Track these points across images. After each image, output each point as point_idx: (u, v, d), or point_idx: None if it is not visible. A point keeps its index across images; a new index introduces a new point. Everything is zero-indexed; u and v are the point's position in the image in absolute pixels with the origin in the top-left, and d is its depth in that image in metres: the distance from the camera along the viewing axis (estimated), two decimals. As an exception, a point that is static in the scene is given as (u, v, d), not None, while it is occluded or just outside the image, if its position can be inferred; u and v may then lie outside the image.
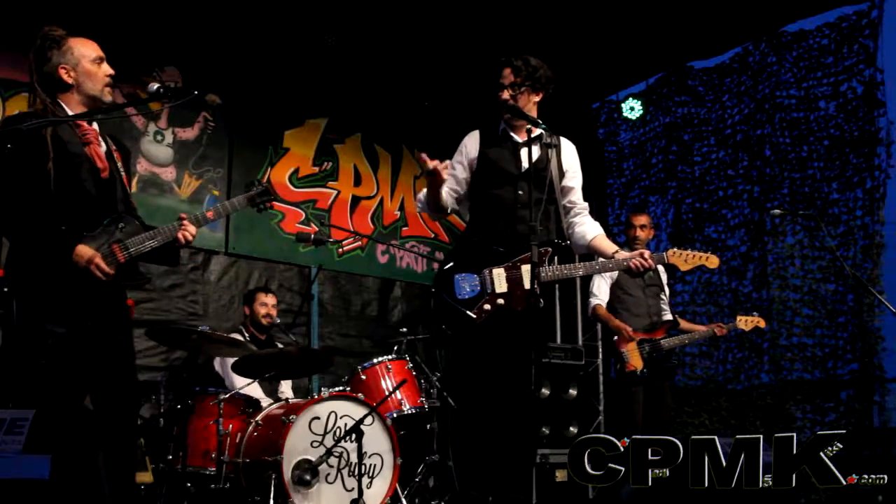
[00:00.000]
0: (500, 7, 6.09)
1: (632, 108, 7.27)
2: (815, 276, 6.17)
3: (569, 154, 3.53)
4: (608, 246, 3.43)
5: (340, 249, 6.70)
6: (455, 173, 3.46)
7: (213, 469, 4.27)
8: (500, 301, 3.22)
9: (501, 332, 3.26)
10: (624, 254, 3.39)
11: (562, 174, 3.44)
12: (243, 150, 6.24)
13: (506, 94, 3.40)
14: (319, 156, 6.70)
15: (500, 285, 3.23)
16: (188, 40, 5.91)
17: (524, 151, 3.39)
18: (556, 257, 3.35)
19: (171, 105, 2.93)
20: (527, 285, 3.22)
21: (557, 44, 6.58)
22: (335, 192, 6.74)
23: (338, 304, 6.64)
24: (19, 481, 2.24)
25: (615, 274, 5.22)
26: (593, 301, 5.34)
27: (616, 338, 5.17)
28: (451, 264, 3.33)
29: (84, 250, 2.82)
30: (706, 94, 7.04)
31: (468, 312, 3.20)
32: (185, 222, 3.10)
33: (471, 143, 3.49)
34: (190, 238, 3.11)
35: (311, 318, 6.40)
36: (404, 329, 5.31)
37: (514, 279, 3.24)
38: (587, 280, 7.61)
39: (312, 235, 5.21)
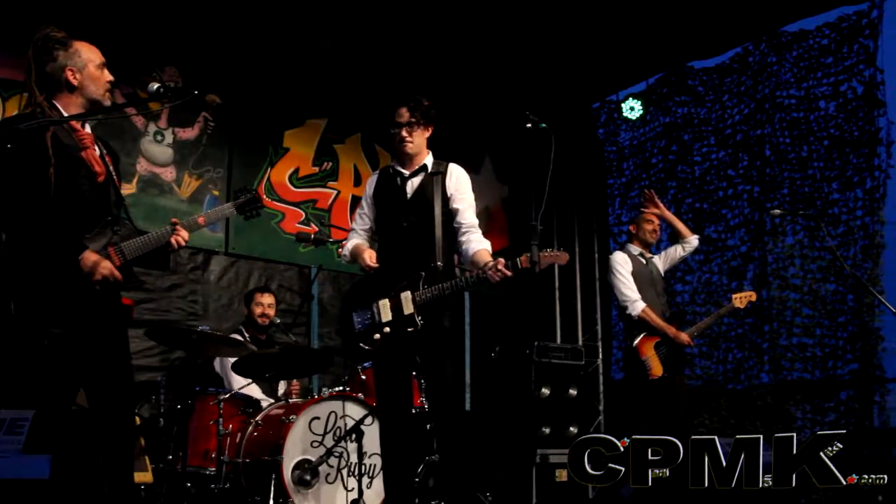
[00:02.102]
0: (501, 7, 6.09)
1: (632, 108, 7.25)
2: (815, 276, 6.16)
3: (454, 178, 3.72)
4: (483, 258, 3.61)
5: (340, 249, 6.69)
6: (366, 213, 3.83)
7: (213, 469, 4.28)
8: (387, 329, 3.56)
9: (393, 353, 3.59)
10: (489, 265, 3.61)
11: (446, 199, 3.68)
12: (243, 149, 6.24)
13: (404, 133, 3.66)
14: (319, 156, 6.70)
15: (386, 315, 3.56)
16: (188, 40, 5.91)
17: (410, 183, 3.70)
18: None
19: (171, 105, 2.94)
20: (406, 311, 3.52)
21: (557, 44, 6.59)
22: (335, 192, 6.74)
23: (338, 304, 6.62)
24: (19, 481, 2.24)
25: (629, 271, 5.19)
26: (640, 304, 5.09)
27: (636, 343, 5.12)
28: (350, 300, 3.73)
29: (91, 256, 2.84)
30: (706, 94, 7.03)
31: (361, 345, 3.60)
32: (179, 227, 3.12)
33: (369, 185, 3.86)
34: (182, 243, 3.14)
35: (311, 318, 6.40)
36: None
37: (395, 306, 3.56)
38: (587, 281, 7.67)
39: (312, 235, 5.21)
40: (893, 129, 5.87)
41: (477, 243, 3.62)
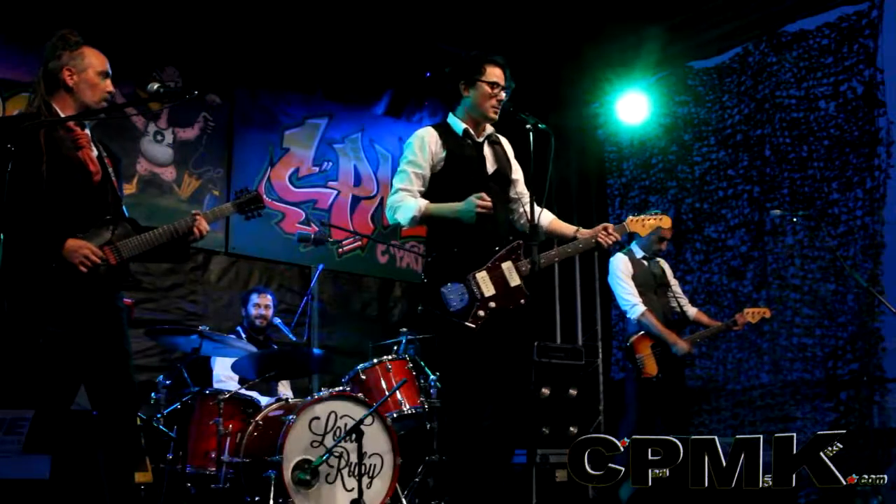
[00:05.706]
0: (501, 8, 6.10)
1: (632, 109, 7.24)
2: (815, 276, 6.16)
3: (510, 148, 3.59)
4: (567, 227, 3.48)
5: (340, 249, 6.70)
6: (422, 173, 3.33)
7: (213, 469, 4.28)
8: (493, 304, 3.17)
9: (500, 332, 3.21)
10: (586, 231, 3.40)
11: (511, 168, 3.53)
12: (243, 150, 6.24)
13: (502, 96, 3.38)
14: (319, 156, 6.70)
15: (488, 288, 3.18)
16: (188, 40, 5.91)
17: (486, 151, 3.43)
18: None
19: (171, 105, 2.94)
20: (512, 282, 3.21)
21: (557, 44, 6.60)
22: (335, 192, 6.74)
23: (338, 304, 6.63)
24: (19, 481, 2.24)
25: (629, 274, 5.18)
26: (639, 308, 5.07)
27: (630, 343, 5.12)
28: (433, 277, 3.23)
29: (70, 243, 2.84)
30: (706, 94, 7.03)
31: (466, 323, 3.12)
32: (199, 217, 3.11)
33: (433, 142, 3.35)
34: (205, 232, 3.13)
35: (311, 319, 6.39)
36: (404, 329, 5.31)
37: (498, 279, 3.20)
38: (587, 281, 7.67)
39: (312, 235, 5.21)
40: (893, 129, 5.87)
41: (546, 213, 3.45)
